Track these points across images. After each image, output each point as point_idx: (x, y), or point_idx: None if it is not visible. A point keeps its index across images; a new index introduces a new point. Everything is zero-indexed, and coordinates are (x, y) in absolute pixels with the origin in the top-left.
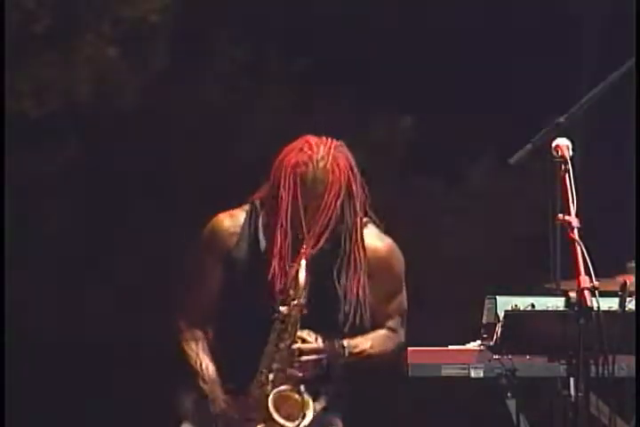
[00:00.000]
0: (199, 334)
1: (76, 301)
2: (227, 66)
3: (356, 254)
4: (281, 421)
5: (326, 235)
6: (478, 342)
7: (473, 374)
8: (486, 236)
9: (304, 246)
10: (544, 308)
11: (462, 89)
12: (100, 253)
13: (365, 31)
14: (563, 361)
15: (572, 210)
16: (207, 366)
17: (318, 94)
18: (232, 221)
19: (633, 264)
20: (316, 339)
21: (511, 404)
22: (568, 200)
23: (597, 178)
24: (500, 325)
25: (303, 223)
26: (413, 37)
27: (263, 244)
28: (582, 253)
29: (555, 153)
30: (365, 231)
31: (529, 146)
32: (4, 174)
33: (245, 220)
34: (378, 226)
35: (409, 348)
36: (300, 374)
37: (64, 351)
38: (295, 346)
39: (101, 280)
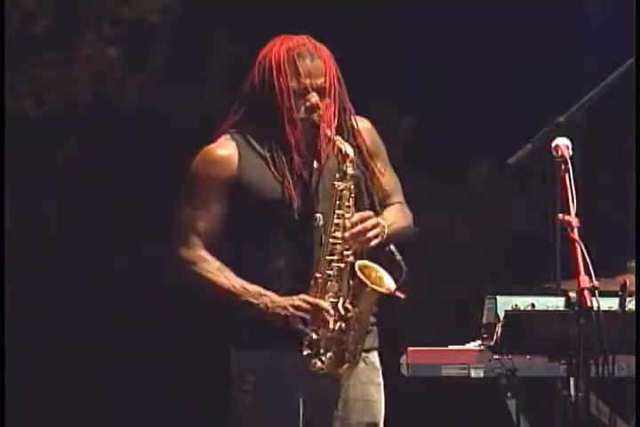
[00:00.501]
0: (216, 262)
1: (76, 301)
2: (227, 66)
3: (360, 136)
4: (371, 285)
5: (336, 117)
6: (478, 342)
7: (473, 374)
8: (486, 236)
9: (326, 123)
10: (544, 308)
11: (462, 89)
12: (100, 253)
13: (365, 31)
14: (563, 361)
15: (572, 210)
16: (247, 284)
17: None
18: (225, 148)
19: (633, 264)
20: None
21: (511, 404)
22: (568, 200)
23: (597, 178)
24: (500, 325)
25: (318, 102)
26: (413, 37)
27: (267, 155)
28: (582, 252)
29: (555, 153)
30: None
31: (529, 146)
32: (4, 174)
33: (237, 143)
34: None
35: (409, 348)
36: (368, 245)
37: (64, 351)
38: (353, 219)
39: (101, 280)
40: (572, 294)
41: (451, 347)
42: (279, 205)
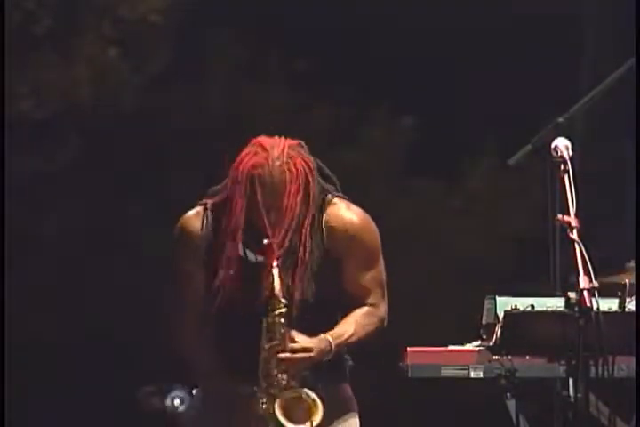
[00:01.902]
0: (200, 336)
1: (76, 300)
2: (226, 66)
3: (304, 253)
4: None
5: (289, 235)
6: (478, 342)
7: (472, 375)
8: (486, 236)
9: (272, 252)
10: (544, 308)
11: (462, 89)
12: (100, 253)
13: (365, 31)
14: (562, 362)
15: (572, 210)
16: (211, 364)
17: (318, 94)
18: (197, 219)
19: (633, 264)
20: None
21: (511, 404)
22: (567, 200)
23: (597, 178)
24: (499, 325)
25: (267, 226)
26: (414, 38)
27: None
28: (582, 253)
29: (554, 153)
30: (334, 207)
31: (528, 146)
32: (4, 174)
33: (202, 222)
34: (347, 200)
35: (409, 348)
36: (298, 372)
37: (64, 351)
38: (281, 355)
39: (101, 280)
40: (572, 295)
41: (450, 347)
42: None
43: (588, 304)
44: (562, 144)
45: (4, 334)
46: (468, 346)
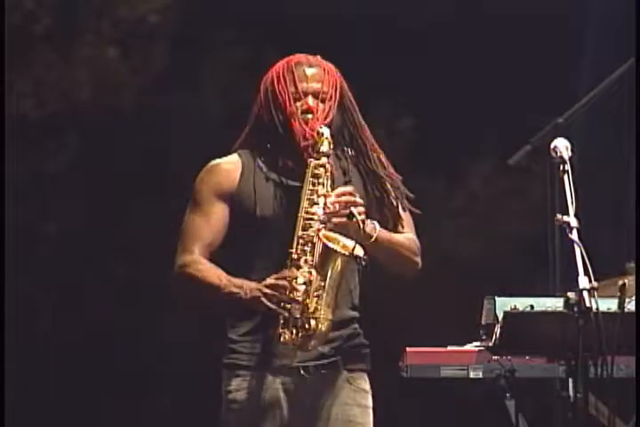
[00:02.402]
0: (207, 261)
1: (76, 300)
2: (226, 66)
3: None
4: (334, 246)
5: (330, 118)
6: (477, 342)
7: (472, 375)
8: (485, 236)
9: (313, 117)
10: (543, 308)
11: (462, 89)
12: (100, 253)
13: (365, 31)
14: (562, 362)
15: (571, 210)
16: (229, 277)
17: None
18: (228, 162)
19: (633, 265)
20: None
21: (510, 405)
22: (567, 201)
23: (597, 178)
24: (499, 325)
25: (311, 106)
26: (413, 37)
27: (273, 176)
28: (581, 253)
29: (554, 154)
30: None
31: (528, 147)
32: (4, 174)
33: (241, 159)
34: None
35: (408, 349)
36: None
37: (64, 351)
38: (335, 191)
39: (101, 280)
40: (571, 295)
41: (450, 348)
42: (269, 222)
43: (588, 304)
44: (561, 144)
45: (4, 334)
46: (468, 346)
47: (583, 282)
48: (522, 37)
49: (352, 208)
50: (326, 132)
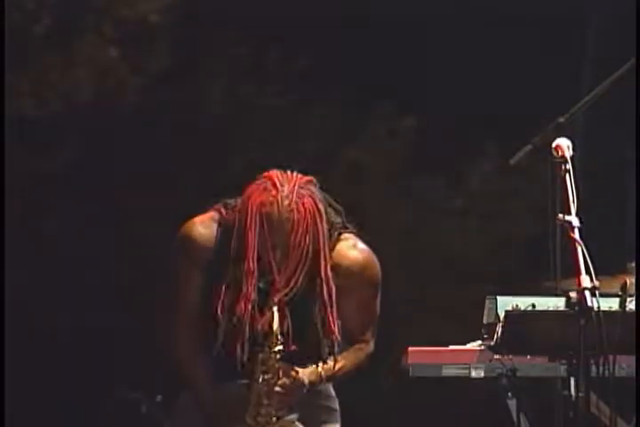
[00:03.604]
0: (195, 345)
1: (76, 300)
2: (226, 66)
3: (326, 291)
4: None
5: (297, 276)
6: (479, 342)
7: (473, 374)
8: (486, 236)
9: (276, 290)
10: (545, 308)
11: (463, 89)
12: (100, 253)
13: (365, 31)
14: (563, 361)
15: (573, 210)
16: (203, 376)
17: (318, 94)
18: (205, 229)
19: (633, 264)
20: (297, 372)
21: (512, 404)
22: (568, 200)
23: (597, 178)
24: (500, 325)
25: (273, 265)
26: (413, 37)
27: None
28: (582, 253)
29: (555, 153)
30: (343, 244)
31: (529, 146)
32: (4, 174)
33: (217, 232)
34: (357, 235)
35: (409, 348)
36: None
37: (64, 351)
38: (276, 389)
39: (101, 280)
40: (573, 295)
41: (451, 347)
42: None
43: (589, 304)
44: (563, 144)
45: (4, 334)
46: (469, 345)
47: (585, 281)
48: (523, 38)
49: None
50: (276, 329)
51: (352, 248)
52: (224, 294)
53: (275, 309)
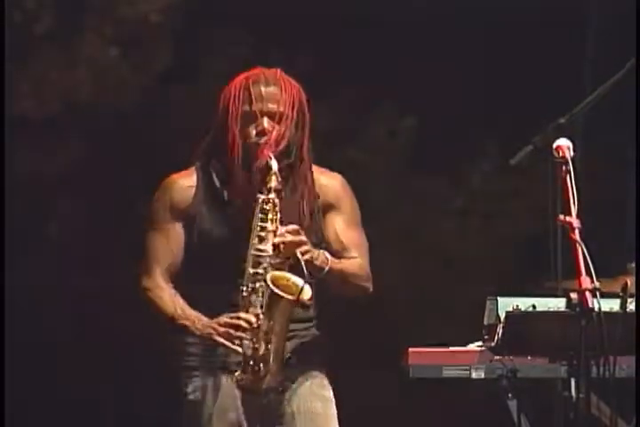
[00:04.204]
0: (168, 287)
1: (76, 301)
2: (227, 66)
3: (306, 179)
4: (281, 293)
5: (285, 141)
6: (479, 342)
7: (474, 375)
8: (487, 237)
9: (265, 143)
10: (545, 309)
11: (463, 89)
12: (100, 253)
13: (365, 31)
14: (564, 362)
15: (573, 211)
16: (186, 307)
17: (318, 94)
18: (184, 177)
19: (633, 265)
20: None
21: (512, 405)
22: (569, 201)
23: (598, 178)
24: (501, 326)
25: (265, 127)
26: (414, 37)
27: (224, 194)
28: (583, 253)
29: (556, 154)
30: (315, 167)
31: (530, 147)
32: (4, 174)
33: (198, 177)
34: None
35: (410, 349)
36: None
37: (64, 351)
38: (279, 232)
39: (101, 280)
40: (574, 295)
41: (452, 348)
42: (218, 243)
43: (590, 305)
44: (563, 145)
45: (4, 334)
46: (470, 346)
47: (585, 282)
48: (523, 37)
49: (297, 250)
50: (274, 165)
51: (329, 171)
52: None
53: (272, 155)
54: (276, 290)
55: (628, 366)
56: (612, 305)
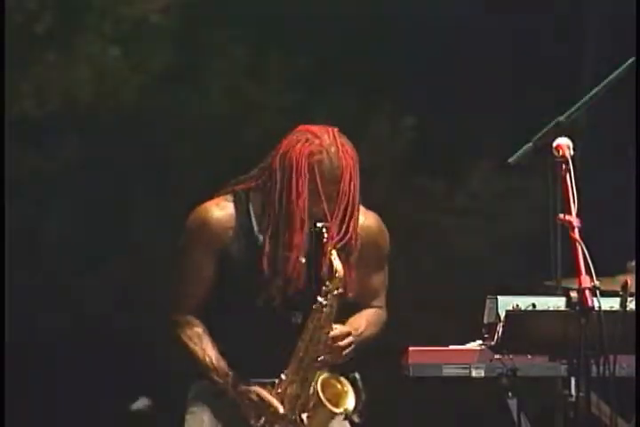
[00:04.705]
0: (200, 328)
1: (76, 301)
2: (227, 66)
3: (355, 244)
4: (329, 406)
5: (347, 224)
6: (479, 341)
7: (474, 374)
8: (487, 236)
9: (330, 237)
10: (545, 308)
11: (463, 89)
12: (100, 253)
13: (365, 31)
14: (564, 361)
15: (573, 210)
16: (219, 359)
17: (318, 94)
18: (222, 212)
19: (634, 264)
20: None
21: (512, 404)
22: (569, 200)
23: (598, 178)
24: (501, 324)
25: (327, 211)
26: (413, 37)
27: (259, 238)
28: (583, 252)
29: (555, 153)
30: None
31: (529, 146)
32: (4, 174)
33: (235, 211)
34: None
35: (410, 348)
36: (339, 361)
37: (63, 351)
38: (332, 333)
39: (101, 280)
40: (573, 294)
41: (452, 347)
42: (255, 290)
43: (590, 303)
44: (563, 143)
45: (4, 334)
46: (470, 345)
47: (585, 281)
48: (523, 37)
49: (344, 354)
50: (340, 270)
51: (365, 212)
52: (269, 248)
53: (334, 252)
54: (327, 404)
55: (628, 365)
56: (611, 304)
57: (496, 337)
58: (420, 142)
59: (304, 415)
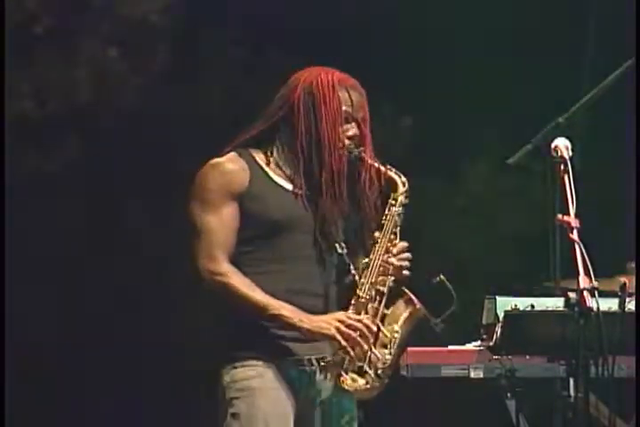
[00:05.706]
0: (241, 274)
1: (76, 301)
2: (227, 66)
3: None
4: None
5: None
6: (478, 342)
7: (473, 375)
8: (486, 236)
9: (367, 157)
10: (543, 308)
11: (462, 89)
12: (100, 253)
13: (365, 31)
14: (562, 362)
15: (572, 210)
16: (277, 299)
17: None
18: (232, 160)
19: (633, 265)
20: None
21: (511, 404)
22: (568, 200)
23: (597, 178)
24: (499, 325)
25: (363, 135)
26: (413, 37)
27: (281, 181)
28: (582, 253)
29: (554, 153)
30: None
31: (528, 146)
32: (5, 174)
33: (244, 159)
34: None
35: (408, 348)
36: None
37: (63, 351)
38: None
39: (101, 280)
40: (572, 295)
41: (450, 347)
42: (293, 228)
43: (588, 304)
44: (562, 144)
45: (4, 334)
46: (468, 346)
47: (584, 282)
48: (522, 37)
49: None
50: (405, 181)
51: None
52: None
53: (389, 167)
54: (416, 301)
55: (626, 366)
56: (610, 305)
57: (495, 338)
58: (420, 142)
59: (395, 327)
